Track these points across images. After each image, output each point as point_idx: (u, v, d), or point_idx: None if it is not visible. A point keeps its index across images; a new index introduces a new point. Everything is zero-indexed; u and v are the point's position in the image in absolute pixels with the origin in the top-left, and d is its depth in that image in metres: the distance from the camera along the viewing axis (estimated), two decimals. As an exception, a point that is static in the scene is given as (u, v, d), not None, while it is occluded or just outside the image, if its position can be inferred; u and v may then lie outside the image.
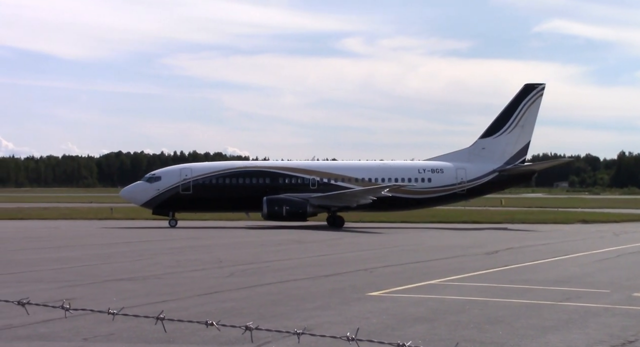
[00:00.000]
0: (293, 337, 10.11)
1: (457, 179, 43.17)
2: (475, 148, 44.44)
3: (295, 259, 22.75)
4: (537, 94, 44.35)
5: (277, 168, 43.30)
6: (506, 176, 44.11)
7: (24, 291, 14.69)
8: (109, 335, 10.54)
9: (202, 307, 13.15)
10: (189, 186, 41.25)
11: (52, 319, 11.46)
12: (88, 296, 14.37)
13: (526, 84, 44.65)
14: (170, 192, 41.18)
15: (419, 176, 43.28)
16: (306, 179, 42.41)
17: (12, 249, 25.62)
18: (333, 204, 41.53)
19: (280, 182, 42.15)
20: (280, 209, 40.13)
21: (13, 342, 10.19)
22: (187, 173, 41.63)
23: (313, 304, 13.59)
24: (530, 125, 44.29)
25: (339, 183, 42.52)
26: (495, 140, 44.09)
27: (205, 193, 41.36)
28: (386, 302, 13.88)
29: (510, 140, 43.93)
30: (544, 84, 44.66)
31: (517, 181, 47.63)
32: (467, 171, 43.30)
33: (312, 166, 43.99)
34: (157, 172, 42.86)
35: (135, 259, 22.46)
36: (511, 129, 43.95)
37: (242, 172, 42.36)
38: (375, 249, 26.74)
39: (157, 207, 41.31)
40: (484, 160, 43.75)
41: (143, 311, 11.05)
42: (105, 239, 31.45)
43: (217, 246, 28.05)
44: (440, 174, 43.33)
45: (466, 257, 23.55)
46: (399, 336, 10.56)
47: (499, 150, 43.92)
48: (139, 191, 41.67)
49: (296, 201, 40.72)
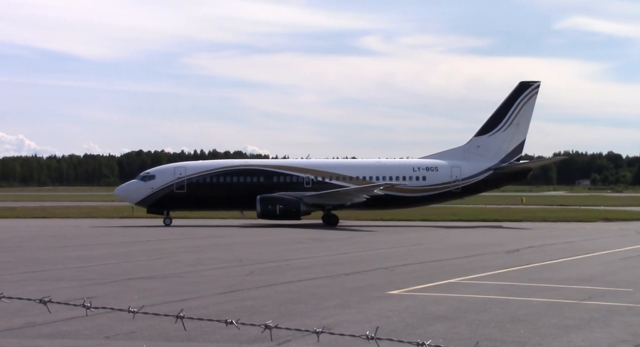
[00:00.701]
0: (313, 335, 10.11)
1: (452, 177, 43.05)
2: (470, 146, 44.28)
3: (315, 258, 22.75)
4: (532, 92, 44.19)
5: (272, 167, 43.35)
6: (501, 173, 43.93)
7: (46, 290, 14.82)
8: (130, 333, 10.59)
9: (222, 306, 13.18)
10: (183, 184, 41.31)
11: (74, 317, 11.53)
12: (109, 294, 14.46)
13: (521, 81, 44.50)
14: (164, 191, 41.20)
15: (414, 174, 43.16)
16: (301, 177, 42.37)
17: (34, 248, 25.84)
18: (327, 202, 41.47)
19: (274, 181, 42.12)
20: (273, 208, 40.08)
21: (36, 339, 10.27)
22: (181, 172, 41.68)
23: (333, 303, 13.58)
24: (526, 123, 44.12)
25: (334, 181, 42.44)
26: (490, 138, 43.96)
27: (199, 192, 41.38)
28: (406, 301, 13.83)
29: (506, 138, 43.81)
30: (539, 82, 44.52)
31: (513, 179, 47.32)
32: (462, 169, 43.14)
33: (307, 165, 43.89)
34: (151, 171, 42.87)
35: (155, 258, 22.57)
36: (506, 127, 43.85)
37: (236, 171, 42.34)
38: (395, 248, 26.68)
39: (151, 205, 41.35)
40: (479, 158, 43.59)
41: (163, 310, 11.10)
42: (126, 237, 31.63)
43: (237, 244, 28.11)
44: (435, 172, 43.20)
45: (487, 256, 23.42)
46: (419, 334, 10.52)
47: (494, 148, 43.76)
48: (133, 189, 41.70)
49: (290, 199, 40.66)
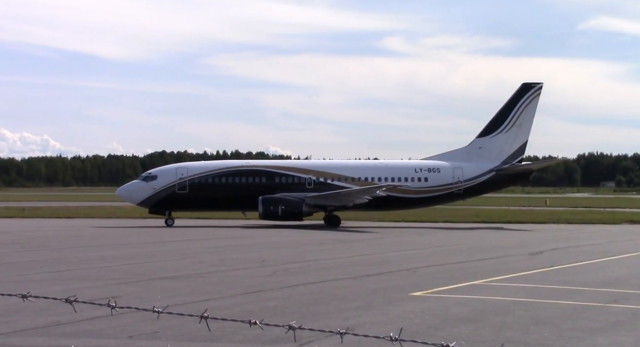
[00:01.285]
0: (335, 336, 10.11)
1: (454, 178, 42.97)
2: (472, 147, 44.25)
3: (337, 259, 22.74)
4: (534, 93, 44.18)
5: (274, 167, 43.25)
6: (503, 175, 43.91)
7: (71, 289, 14.95)
8: (153, 333, 10.65)
9: (245, 306, 13.21)
10: (185, 185, 41.24)
11: (98, 317, 11.62)
12: (133, 294, 14.55)
13: (524, 83, 44.46)
14: (166, 191, 41.13)
15: (416, 176, 43.10)
16: (302, 178, 42.33)
17: (59, 247, 26.09)
18: (329, 203, 41.46)
19: (276, 182, 42.07)
20: (275, 209, 40.05)
21: (60, 338, 10.36)
22: (183, 172, 41.62)
23: (355, 304, 13.56)
24: (528, 125, 44.07)
25: (335, 182, 42.40)
26: (492, 140, 43.93)
27: (201, 192, 41.34)
28: (429, 303, 13.78)
29: (508, 140, 43.78)
30: (542, 83, 44.50)
31: (515, 181, 47.34)
32: (464, 170, 43.10)
33: (309, 165, 43.99)
34: (153, 171, 42.79)
35: (178, 258, 22.68)
36: (508, 128, 43.83)
37: (238, 171, 42.32)
38: (417, 249, 26.59)
39: (153, 206, 41.30)
40: (481, 159, 43.54)
41: (187, 310, 11.15)
42: (149, 237, 31.82)
43: (259, 245, 28.17)
44: (437, 173, 43.15)
45: (510, 258, 23.27)
46: (443, 336, 10.47)
47: (496, 150, 43.73)
48: (135, 190, 41.63)
49: (292, 200, 40.63)
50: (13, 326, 11.16)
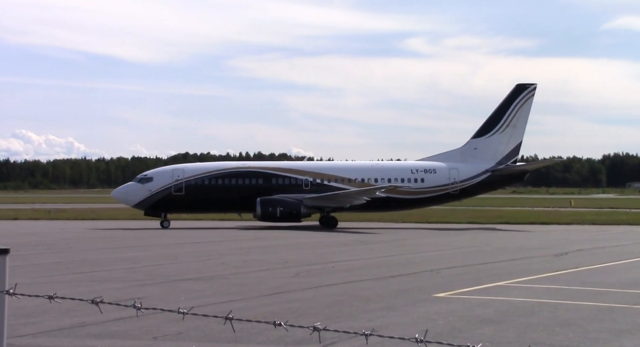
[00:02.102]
0: (359, 338, 10.08)
1: (450, 179, 43.05)
2: (467, 148, 44.39)
3: (360, 260, 22.71)
4: (528, 94, 44.44)
5: (270, 169, 43.13)
6: (499, 176, 44.12)
7: (95, 290, 15.07)
8: (177, 334, 10.70)
9: (268, 307, 13.24)
10: (181, 186, 41.06)
11: (123, 318, 11.70)
12: (157, 296, 14.63)
13: (518, 84, 44.71)
14: (162, 193, 40.92)
15: (412, 176, 43.15)
16: (299, 179, 42.27)
17: (84, 249, 26.31)
18: (327, 204, 41.38)
19: (273, 183, 41.97)
20: (274, 210, 39.96)
21: (86, 339, 10.44)
22: (179, 174, 41.42)
23: (379, 305, 13.53)
24: (522, 125, 44.35)
25: (332, 184, 42.40)
26: (487, 140, 44.11)
27: (197, 194, 41.16)
28: (453, 304, 13.72)
29: (503, 140, 43.99)
30: (536, 84, 44.78)
31: (510, 181, 47.66)
32: (459, 171, 43.21)
33: (305, 167, 43.93)
34: (149, 173, 42.52)
35: (202, 259, 22.77)
36: (503, 129, 44.04)
37: (234, 173, 42.19)
38: (441, 250, 26.49)
39: (149, 208, 41.09)
40: (477, 160, 43.68)
41: (210, 311, 11.18)
42: (173, 239, 31.99)
43: (282, 246, 28.21)
44: (433, 174, 43.20)
45: (535, 259, 23.10)
46: (467, 337, 10.42)
47: (492, 150, 43.90)
48: (131, 191, 41.40)
49: (290, 201, 40.54)
50: (39, 326, 11.26)
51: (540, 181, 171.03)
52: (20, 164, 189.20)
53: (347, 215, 44.51)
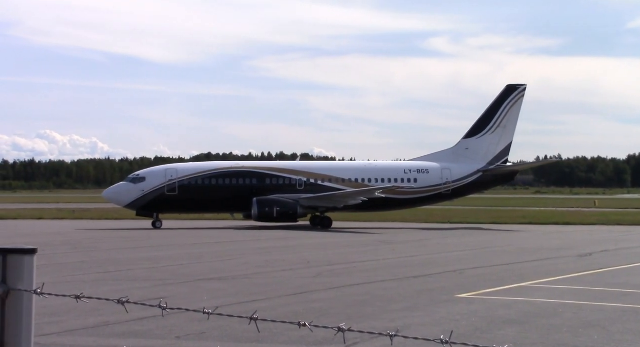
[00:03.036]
0: (381, 338, 10.09)
1: (443, 179, 43.18)
2: (459, 148, 44.64)
3: (382, 260, 22.68)
4: (519, 95, 44.89)
5: (264, 169, 42.99)
6: (490, 176, 44.47)
7: (119, 290, 15.19)
8: (200, 334, 10.76)
9: (290, 307, 13.27)
10: (174, 186, 40.71)
11: (147, 317, 11.78)
12: (180, 295, 14.71)
13: (508, 84, 45.09)
14: (155, 193, 40.51)
15: (405, 177, 43.21)
16: (293, 179, 42.18)
17: (108, 249, 26.53)
18: (323, 204, 41.26)
19: (267, 183, 41.81)
20: (271, 210, 39.75)
21: (110, 338, 10.53)
22: (172, 174, 41.06)
23: (401, 306, 13.52)
24: (512, 126, 44.79)
25: (326, 184, 42.35)
26: (478, 141, 44.39)
27: (191, 194, 40.87)
28: (475, 305, 13.67)
29: (494, 141, 44.33)
30: (526, 85, 45.20)
31: (500, 181, 48.25)
32: (452, 171, 43.38)
33: (299, 167, 43.90)
34: (141, 173, 42.22)
35: (224, 259, 22.87)
36: (494, 130, 44.39)
37: (228, 173, 41.98)
38: (463, 251, 26.37)
39: (141, 208, 40.71)
40: (468, 160, 43.91)
41: (233, 311, 11.23)
42: (196, 239, 32.15)
43: (304, 246, 28.25)
44: (426, 174, 43.32)
45: (558, 260, 22.93)
46: (489, 339, 10.38)
47: (483, 151, 44.19)
48: (123, 191, 40.98)
49: (287, 202, 40.38)
50: (64, 325, 11.38)
51: (563, 181, 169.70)
52: (45, 164, 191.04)
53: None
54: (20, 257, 3.30)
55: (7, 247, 3.32)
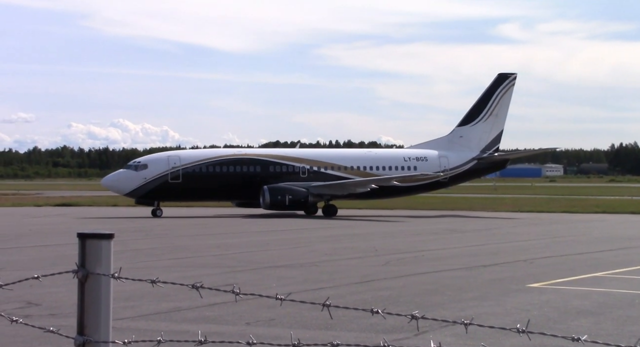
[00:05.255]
0: (450, 326, 10.00)
1: (441, 166, 43.46)
2: (453, 136, 45.20)
3: (451, 249, 22.47)
4: (509, 84, 45.28)
5: (267, 156, 42.66)
6: (484, 163, 45.20)
7: (190, 276, 15.45)
8: (269, 320, 10.87)
9: (359, 295, 13.27)
10: (178, 174, 40.00)
11: (217, 303, 11.96)
12: (249, 282, 14.88)
13: (499, 73, 45.86)
14: (158, 181, 39.67)
15: (405, 164, 43.44)
16: (296, 167, 41.95)
17: (179, 235, 27.02)
18: (332, 192, 41.10)
19: (270, 171, 41.47)
20: (283, 198, 39.18)
21: (182, 323, 10.73)
22: (175, 161, 40.33)
23: (470, 295, 13.36)
24: (504, 114, 45.32)
25: (329, 171, 42.33)
26: (472, 129, 44.92)
27: (195, 182, 40.25)
28: (547, 294, 13.40)
29: (486, 129, 44.93)
30: (516, 74, 45.70)
31: (493, 169, 49.91)
32: (449, 159, 43.76)
33: (302, 154, 43.82)
34: (142, 160, 41.44)
35: (292, 247, 23.03)
36: (486, 118, 44.97)
37: (231, 161, 41.53)
38: (534, 240, 25.90)
39: (142, 196, 39.97)
40: (463, 148, 44.49)
41: (301, 298, 11.30)
42: (263, 226, 32.48)
43: (372, 234, 28.21)
44: (425, 162, 43.52)
45: (634, 249, 22.28)
46: (562, 329, 10.17)
47: (476, 139, 44.79)
48: (123, 179, 40.14)
49: (298, 190, 39.89)
50: (138, 310, 11.64)
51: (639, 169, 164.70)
52: (118, 152, 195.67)
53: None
54: (98, 242, 3.37)
55: (86, 232, 3.40)
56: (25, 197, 61.13)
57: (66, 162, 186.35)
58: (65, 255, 19.32)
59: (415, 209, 45.15)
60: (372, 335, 9.87)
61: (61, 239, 24.75)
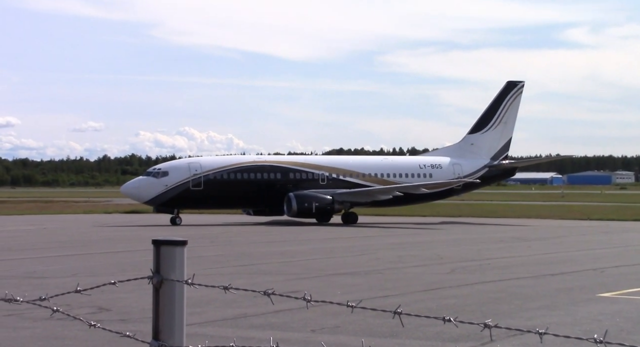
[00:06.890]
0: (519, 336, 9.83)
1: (455, 174, 43.51)
2: (464, 143, 45.63)
3: (518, 257, 22.10)
4: (517, 91, 45.71)
5: (288, 163, 42.34)
6: (495, 171, 45.60)
7: (255, 283, 15.60)
8: (334, 327, 10.88)
9: (423, 303, 13.17)
10: (200, 181, 39.53)
11: (282, 310, 12.03)
12: (313, 289, 14.89)
13: (508, 81, 45.91)
14: (179, 188, 39.12)
15: (421, 172, 43.64)
16: (316, 174, 41.85)
17: (243, 242, 27.28)
18: (357, 200, 41.11)
19: (290, 178, 41.26)
20: (310, 206, 38.86)
21: (249, 330, 10.82)
22: (196, 168, 39.84)
23: (538, 304, 13.11)
24: (512, 122, 45.82)
25: (347, 178, 42.41)
26: (482, 136, 45.30)
27: (216, 189, 39.77)
28: (619, 304, 13.06)
29: (496, 137, 45.36)
30: (524, 82, 46.20)
31: (503, 177, 50.64)
32: (462, 167, 43.94)
33: (320, 161, 44.13)
34: (162, 167, 41.09)
35: (357, 254, 23.00)
36: (496, 125, 45.32)
37: (252, 167, 41.18)
38: (605, 248, 25.27)
39: (162, 204, 39.32)
40: (474, 156, 44.92)
41: (366, 305, 11.29)
42: (329, 234, 32.53)
43: (437, 242, 27.97)
44: (440, 169, 43.76)
45: None
46: (636, 340, 9.89)
47: (486, 146, 45.25)
48: (143, 186, 39.52)
49: (324, 197, 39.53)
50: (205, 316, 11.79)
51: None
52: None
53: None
54: (172, 248, 3.45)
55: (161, 239, 3.48)
56: (95, 205, 62.74)
57: (134, 170, 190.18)
58: (134, 262, 19.72)
59: (480, 217, 44.70)
60: (439, 343, 9.78)
61: (128, 245, 25.26)
